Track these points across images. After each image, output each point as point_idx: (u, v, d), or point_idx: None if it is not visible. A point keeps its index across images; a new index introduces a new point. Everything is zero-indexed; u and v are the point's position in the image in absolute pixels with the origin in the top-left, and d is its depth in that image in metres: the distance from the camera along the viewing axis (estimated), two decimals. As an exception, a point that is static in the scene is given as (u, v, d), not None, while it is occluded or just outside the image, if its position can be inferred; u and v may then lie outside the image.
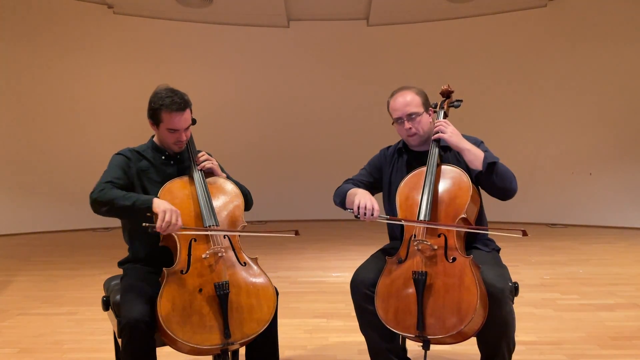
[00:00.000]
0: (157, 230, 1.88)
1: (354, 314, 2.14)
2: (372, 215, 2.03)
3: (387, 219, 2.09)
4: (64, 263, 5.20)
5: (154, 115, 2.16)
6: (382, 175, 2.36)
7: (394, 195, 2.19)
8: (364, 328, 2.13)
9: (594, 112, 6.92)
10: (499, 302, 1.89)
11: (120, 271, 2.27)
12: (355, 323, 2.10)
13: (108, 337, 2.89)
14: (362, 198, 2.07)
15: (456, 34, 7.39)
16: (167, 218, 1.88)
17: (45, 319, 3.47)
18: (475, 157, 2.08)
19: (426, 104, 2.23)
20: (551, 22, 7.01)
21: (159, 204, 1.93)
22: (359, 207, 2.04)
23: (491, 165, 2.05)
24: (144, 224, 1.89)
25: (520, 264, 4.78)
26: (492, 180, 2.06)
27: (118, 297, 2.06)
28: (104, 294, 2.28)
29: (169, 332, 1.84)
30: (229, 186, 2.23)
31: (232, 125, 7.55)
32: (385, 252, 2.21)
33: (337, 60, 7.68)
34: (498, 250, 2.25)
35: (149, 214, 1.93)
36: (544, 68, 7.08)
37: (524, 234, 1.89)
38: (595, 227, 6.83)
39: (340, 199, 2.27)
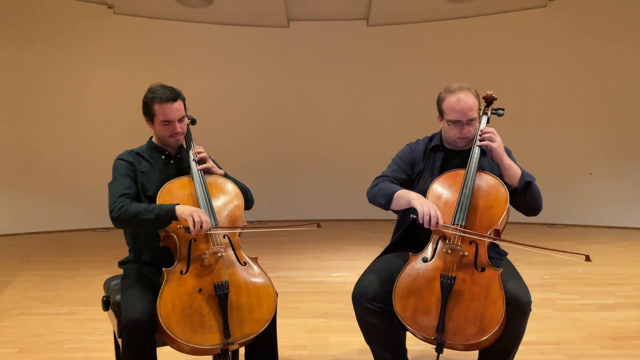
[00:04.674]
0: (194, 235, 1.94)
1: (354, 314, 2.13)
2: (437, 224, 1.94)
3: (452, 229, 1.97)
4: (64, 263, 5.20)
5: (148, 109, 2.18)
6: (413, 171, 2.29)
7: (422, 191, 2.14)
8: (368, 340, 2.12)
9: (593, 112, 6.92)
10: (522, 315, 1.92)
11: (120, 271, 2.27)
12: (354, 323, 2.11)
13: (108, 337, 2.90)
14: (424, 204, 1.97)
15: (456, 34, 7.39)
16: (196, 219, 1.91)
17: (45, 319, 3.47)
18: (514, 173, 2.08)
19: (479, 108, 2.20)
20: (551, 22, 7.01)
21: (183, 210, 1.95)
22: (423, 215, 1.94)
23: (527, 184, 2.06)
24: (179, 226, 1.95)
25: (520, 264, 4.77)
26: (525, 198, 2.08)
27: (118, 297, 2.06)
28: (104, 294, 2.28)
29: (169, 332, 1.84)
30: (229, 186, 2.23)
31: (231, 125, 7.55)
32: (386, 258, 2.19)
33: (337, 60, 7.68)
34: (505, 254, 2.25)
35: (173, 221, 1.96)
36: (543, 68, 7.08)
37: (587, 259, 1.89)
38: (595, 227, 6.83)
39: (386, 200, 2.13)
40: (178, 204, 1.99)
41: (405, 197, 2.07)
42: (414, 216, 1.98)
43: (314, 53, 7.68)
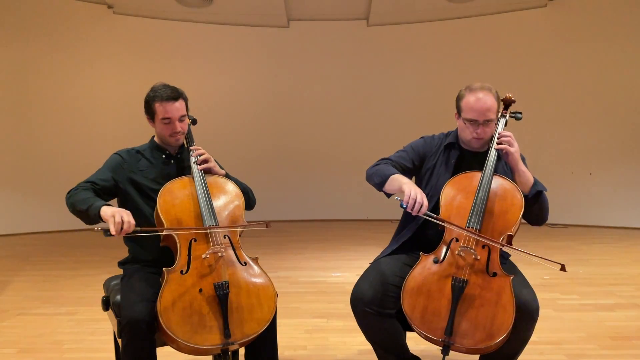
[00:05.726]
0: (113, 234, 1.85)
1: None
2: (420, 210, 1.94)
3: (434, 218, 1.98)
4: (64, 263, 5.20)
5: (149, 108, 2.19)
6: (423, 164, 2.27)
7: (434, 189, 2.12)
8: (370, 340, 2.13)
9: (593, 112, 6.93)
10: (531, 321, 1.91)
11: (120, 271, 2.27)
12: (354, 323, 2.10)
13: (108, 337, 2.89)
14: (412, 189, 1.96)
15: (456, 34, 7.39)
16: (117, 219, 1.86)
17: (45, 319, 3.47)
18: (526, 181, 2.07)
19: (498, 110, 2.17)
20: (551, 22, 7.01)
21: (106, 210, 1.91)
22: (409, 198, 1.94)
23: (538, 194, 2.05)
24: (96, 228, 1.87)
25: (521, 264, 4.76)
26: (533, 207, 2.07)
27: (118, 297, 2.06)
28: (104, 294, 2.28)
29: (168, 332, 1.84)
30: (230, 186, 2.23)
31: (231, 125, 7.55)
32: (383, 261, 2.18)
33: (337, 60, 7.68)
34: (508, 256, 2.25)
35: (101, 220, 1.92)
36: (543, 68, 7.08)
37: (562, 269, 1.89)
38: (595, 227, 6.83)
39: (381, 181, 2.14)
40: (106, 204, 1.97)
41: (399, 181, 2.06)
42: (399, 199, 1.98)
43: (314, 53, 7.68)
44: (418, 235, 2.19)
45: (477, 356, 2.17)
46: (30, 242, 6.49)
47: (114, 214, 1.87)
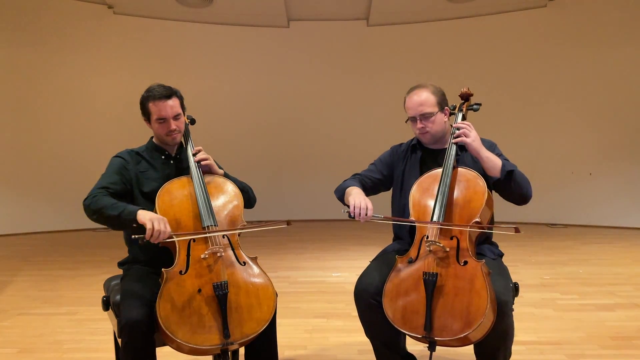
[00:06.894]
0: (148, 240, 1.87)
1: (354, 314, 2.13)
2: (366, 214, 2.03)
3: (382, 219, 2.07)
4: (64, 263, 5.21)
5: (144, 108, 2.19)
6: (394, 172, 2.34)
7: (407, 193, 2.16)
8: (370, 336, 2.13)
9: (594, 112, 6.93)
10: (502, 314, 1.90)
11: (120, 271, 2.27)
12: (354, 323, 2.11)
13: (108, 337, 2.90)
14: (356, 198, 2.07)
15: (456, 34, 7.39)
16: (156, 227, 1.87)
17: (45, 319, 3.47)
18: (494, 165, 2.08)
19: (442, 103, 2.21)
20: (551, 22, 7.01)
21: (144, 215, 1.92)
22: (354, 207, 2.04)
23: (509, 174, 2.06)
24: (133, 236, 1.87)
25: (520, 264, 4.78)
26: (510, 187, 2.08)
27: (118, 297, 2.06)
28: (104, 294, 2.28)
29: (168, 332, 1.84)
30: (228, 186, 2.22)
31: (231, 125, 7.56)
32: (387, 255, 2.20)
33: (337, 60, 7.68)
34: (501, 255, 2.25)
35: (135, 225, 1.92)
36: (543, 68, 7.08)
37: (517, 230, 1.90)
38: (595, 227, 6.83)
39: (340, 196, 2.29)
40: (141, 208, 1.97)
41: (348, 192, 2.17)
42: (346, 211, 2.07)
43: (314, 53, 7.68)
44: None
45: (470, 355, 2.17)
46: (30, 242, 6.49)
47: (152, 220, 1.88)
